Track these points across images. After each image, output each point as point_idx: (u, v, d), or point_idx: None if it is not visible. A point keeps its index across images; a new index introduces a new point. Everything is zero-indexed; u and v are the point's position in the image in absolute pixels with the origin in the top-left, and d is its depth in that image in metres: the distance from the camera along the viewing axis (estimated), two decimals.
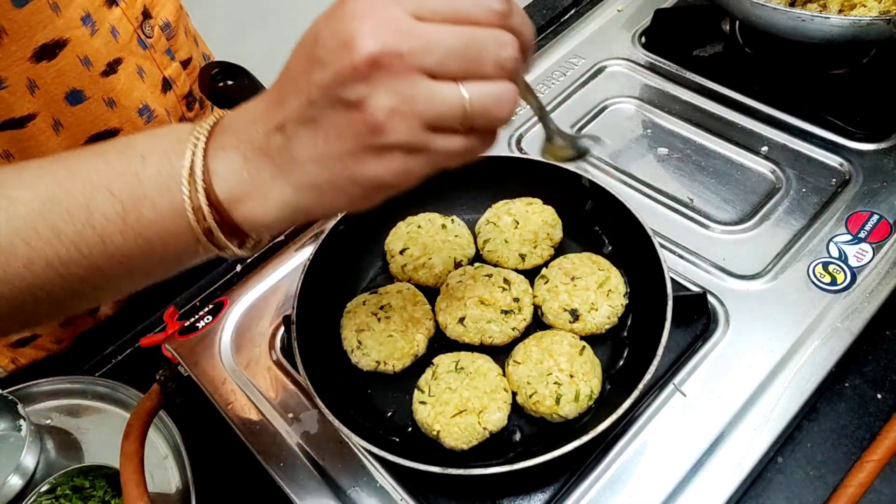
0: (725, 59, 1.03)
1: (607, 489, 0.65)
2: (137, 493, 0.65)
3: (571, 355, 0.68)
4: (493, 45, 0.40)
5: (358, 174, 0.41)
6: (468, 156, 0.43)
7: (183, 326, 0.82)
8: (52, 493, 0.73)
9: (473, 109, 0.40)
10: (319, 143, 0.41)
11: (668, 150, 0.94)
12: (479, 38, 0.40)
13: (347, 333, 0.74)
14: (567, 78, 1.05)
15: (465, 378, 0.68)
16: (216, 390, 0.76)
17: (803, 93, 0.95)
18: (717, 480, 0.64)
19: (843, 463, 0.67)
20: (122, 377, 0.85)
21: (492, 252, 0.80)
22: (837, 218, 0.81)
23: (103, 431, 0.81)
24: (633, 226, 0.74)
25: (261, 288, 0.85)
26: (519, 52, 0.41)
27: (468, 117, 0.40)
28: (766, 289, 0.77)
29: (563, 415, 0.66)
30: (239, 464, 0.74)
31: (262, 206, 0.44)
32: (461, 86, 0.39)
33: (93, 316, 0.96)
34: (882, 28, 0.80)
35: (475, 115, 0.40)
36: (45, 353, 0.94)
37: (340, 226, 0.79)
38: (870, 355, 0.74)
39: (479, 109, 0.40)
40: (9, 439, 0.79)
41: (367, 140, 0.39)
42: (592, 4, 1.18)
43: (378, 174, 0.41)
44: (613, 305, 0.73)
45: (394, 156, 0.40)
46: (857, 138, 0.89)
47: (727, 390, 0.69)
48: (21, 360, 0.93)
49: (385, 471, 0.68)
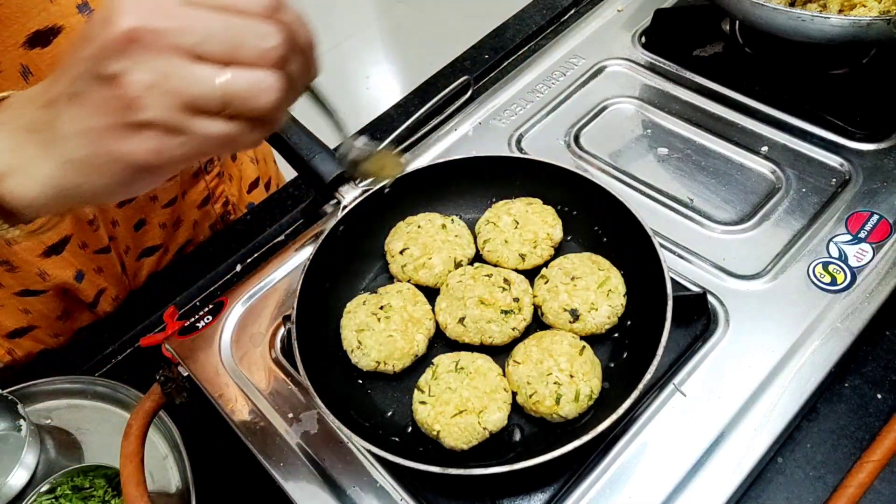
0: (725, 59, 1.03)
1: (607, 489, 0.65)
2: (137, 493, 0.65)
3: (571, 355, 0.68)
4: (254, 34, 0.41)
5: (115, 150, 0.41)
6: (234, 145, 0.43)
7: (183, 326, 0.82)
8: (52, 493, 0.73)
9: (228, 94, 0.40)
10: (82, 119, 0.41)
11: (668, 150, 0.94)
12: (242, 25, 0.40)
13: (347, 333, 0.74)
14: (567, 78, 1.05)
15: (464, 378, 0.68)
16: (216, 390, 0.76)
17: (803, 93, 0.95)
18: (717, 480, 0.64)
19: (843, 463, 0.67)
20: (122, 377, 0.85)
21: (492, 252, 0.80)
22: (837, 218, 0.81)
23: (103, 431, 0.81)
24: (633, 226, 0.74)
25: (261, 288, 0.85)
26: (286, 46, 0.42)
27: (225, 102, 0.40)
28: (766, 289, 0.77)
29: (562, 415, 0.66)
30: (239, 464, 0.74)
31: (25, 183, 0.45)
32: (220, 70, 0.40)
33: (92, 311, 0.96)
34: (882, 28, 0.80)
35: (231, 100, 0.40)
36: (42, 346, 0.94)
37: (340, 226, 0.79)
38: (870, 355, 0.74)
39: (234, 94, 0.40)
40: (9, 439, 0.79)
41: (124, 116, 0.40)
42: (592, 4, 1.18)
43: (133, 151, 0.41)
44: (613, 305, 0.73)
45: (151, 134, 0.40)
46: (857, 138, 0.89)
47: (727, 390, 0.69)
48: (18, 352, 0.92)
49: (385, 471, 0.68)
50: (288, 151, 0.79)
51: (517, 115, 1.01)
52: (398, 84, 3.18)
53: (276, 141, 0.79)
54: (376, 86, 3.09)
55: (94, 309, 0.96)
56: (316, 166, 0.78)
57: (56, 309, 0.93)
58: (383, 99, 1.21)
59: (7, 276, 0.85)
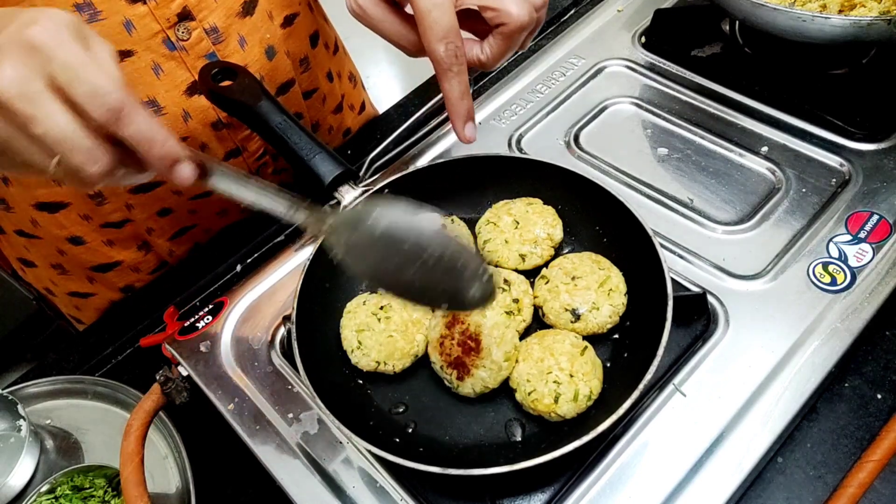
0: (725, 60, 1.03)
1: (607, 489, 0.65)
2: (137, 493, 0.65)
3: (572, 355, 0.68)
4: (83, 152, 0.48)
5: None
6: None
7: (183, 326, 0.82)
8: (52, 493, 0.73)
9: (55, 171, 0.49)
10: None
11: (668, 150, 0.94)
12: (77, 139, 0.47)
13: (347, 333, 0.74)
14: (567, 78, 1.05)
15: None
16: (216, 390, 0.76)
17: (803, 93, 0.95)
18: (717, 480, 0.64)
19: (843, 463, 0.67)
20: (122, 377, 0.85)
21: (492, 252, 0.80)
22: (837, 218, 0.81)
23: (103, 431, 0.81)
24: (634, 226, 0.74)
25: (261, 288, 0.85)
26: (111, 166, 0.50)
27: (54, 173, 0.49)
28: (766, 289, 0.77)
29: (560, 414, 0.66)
30: (239, 464, 0.74)
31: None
32: (49, 159, 0.48)
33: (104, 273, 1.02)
34: (882, 28, 0.80)
35: (57, 173, 0.49)
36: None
37: None
38: (870, 355, 0.74)
39: (60, 172, 0.49)
40: (9, 439, 0.79)
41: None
42: (592, 4, 1.18)
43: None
44: (615, 305, 0.73)
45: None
46: (856, 138, 0.89)
47: (727, 390, 0.69)
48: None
49: (385, 471, 0.68)
50: (287, 151, 0.79)
51: (517, 115, 1.01)
52: (398, 84, 3.18)
53: (275, 141, 0.79)
54: (376, 86, 3.09)
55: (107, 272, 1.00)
56: (316, 166, 0.78)
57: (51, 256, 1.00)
58: (383, 99, 1.22)
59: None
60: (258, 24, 0.89)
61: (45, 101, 0.46)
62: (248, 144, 0.97)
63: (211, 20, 0.84)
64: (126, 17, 0.78)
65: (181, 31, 0.82)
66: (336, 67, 1.11)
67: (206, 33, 0.84)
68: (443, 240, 0.60)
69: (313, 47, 1.02)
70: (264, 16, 0.90)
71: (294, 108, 1.02)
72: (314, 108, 1.07)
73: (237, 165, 0.99)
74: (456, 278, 0.59)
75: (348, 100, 1.16)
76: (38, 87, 0.45)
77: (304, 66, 1.01)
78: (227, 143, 0.94)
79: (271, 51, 0.92)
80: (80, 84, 0.46)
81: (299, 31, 0.98)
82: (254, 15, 0.89)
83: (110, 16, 0.77)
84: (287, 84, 0.97)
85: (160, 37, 0.81)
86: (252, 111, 0.78)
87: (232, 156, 0.97)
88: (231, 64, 0.82)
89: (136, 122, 0.48)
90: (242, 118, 0.81)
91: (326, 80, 1.08)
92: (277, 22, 0.93)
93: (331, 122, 1.13)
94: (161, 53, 0.82)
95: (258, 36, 0.90)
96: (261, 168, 1.03)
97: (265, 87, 0.81)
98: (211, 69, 0.80)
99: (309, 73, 1.03)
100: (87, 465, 0.74)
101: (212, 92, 0.80)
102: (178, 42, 0.82)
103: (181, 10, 0.81)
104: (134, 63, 0.81)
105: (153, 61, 0.82)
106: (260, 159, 1.01)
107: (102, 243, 0.98)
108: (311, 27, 1.01)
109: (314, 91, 1.05)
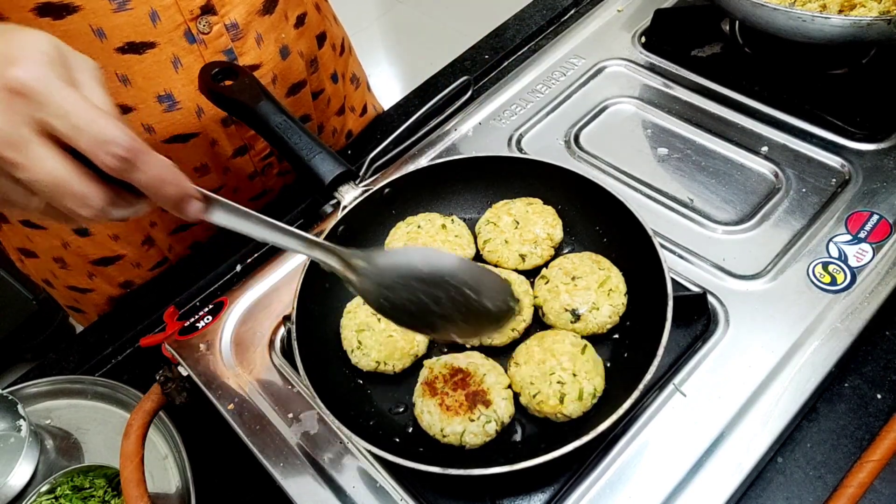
0: (725, 60, 1.03)
1: (607, 489, 0.65)
2: (137, 493, 0.65)
3: (574, 354, 0.68)
4: (75, 199, 0.46)
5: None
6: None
7: (183, 326, 0.82)
8: (52, 493, 0.73)
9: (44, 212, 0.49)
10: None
11: (668, 150, 0.94)
12: (68, 188, 0.45)
13: (347, 333, 0.74)
14: (567, 78, 1.05)
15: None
16: (216, 390, 0.76)
17: (803, 93, 0.95)
18: (717, 480, 0.64)
19: (842, 463, 0.67)
20: (122, 377, 0.85)
21: (492, 252, 0.80)
22: (837, 218, 0.81)
23: (103, 431, 0.81)
24: (634, 226, 0.74)
25: (261, 288, 0.85)
26: (106, 215, 0.48)
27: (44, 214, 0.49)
28: (766, 289, 0.77)
29: (567, 414, 0.65)
30: (239, 464, 0.74)
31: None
32: (38, 200, 0.47)
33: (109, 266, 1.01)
34: (882, 28, 0.80)
35: (46, 213, 0.49)
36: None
37: (340, 226, 0.79)
38: (870, 355, 0.74)
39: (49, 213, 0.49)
40: (9, 439, 0.79)
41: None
42: (592, 4, 1.18)
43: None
44: (615, 304, 0.73)
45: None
46: (857, 138, 0.89)
47: (727, 390, 0.69)
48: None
49: (385, 471, 0.68)
50: (288, 152, 0.79)
51: (517, 115, 1.01)
52: (398, 84, 3.18)
53: (275, 141, 0.79)
54: (376, 86, 3.09)
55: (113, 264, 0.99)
56: (316, 166, 0.78)
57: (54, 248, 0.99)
58: (383, 99, 1.22)
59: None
60: (275, 24, 0.90)
61: (32, 148, 0.43)
62: (255, 143, 0.97)
63: (232, 16, 0.85)
64: (153, 7, 0.78)
65: (202, 24, 0.82)
66: (341, 69, 1.11)
67: (227, 28, 0.85)
68: (468, 271, 0.60)
69: (320, 48, 1.02)
70: (281, 15, 0.91)
71: (303, 110, 1.02)
72: (319, 109, 1.07)
73: (243, 163, 0.99)
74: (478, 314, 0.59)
75: (350, 102, 1.16)
76: (24, 134, 0.43)
77: (314, 66, 1.01)
78: (235, 141, 0.95)
79: (285, 50, 0.92)
80: (81, 134, 0.43)
81: (309, 32, 0.98)
82: (273, 14, 0.89)
83: (138, 6, 0.77)
84: (299, 84, 0.98)
85: (182, 28, 0.81)
86: (252, 111, 0.78)
87: (238, 154, 0.97)
88: (232, 64, 0.82)
89: (150, 168, 0.46)
90: (243, 118, 0.81)
91: (331, 81, 1.08)
92: (291, 22, 0.93)
93: (334, 124, 1.13)
94: (181, 46, 0.82)
95: (274, 35, 0.90)
96: (266, 168, 1.03)
97: (265, 88, 0.81)
98: (211, 69, 0.80)
99: (317, 75, 1.03)
100: (87, 465, 0.74)
101: (212, 91, 0.80)
102: (198, 35, 0.82)
103: (205, 3, 0.82)
104: (155, 55, 0.81)
105: (173, 54, 0.82)
106: (266, 159, 1.01)
107: (108, 237, 0.98)
108: (319, 27, 1.02)
109: (320, 92, 1.05)
